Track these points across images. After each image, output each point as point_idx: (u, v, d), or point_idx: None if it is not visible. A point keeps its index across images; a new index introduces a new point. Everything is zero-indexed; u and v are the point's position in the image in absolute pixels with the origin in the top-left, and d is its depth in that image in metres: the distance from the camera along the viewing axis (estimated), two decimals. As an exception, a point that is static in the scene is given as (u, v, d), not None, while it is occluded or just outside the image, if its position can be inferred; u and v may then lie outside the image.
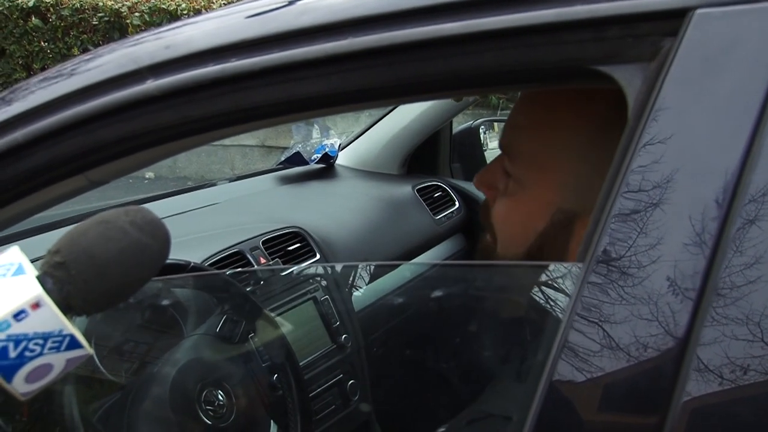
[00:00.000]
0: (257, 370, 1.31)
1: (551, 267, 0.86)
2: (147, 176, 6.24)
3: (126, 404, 1.13)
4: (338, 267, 1.75)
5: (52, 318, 0.65)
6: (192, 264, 1.33)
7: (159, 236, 0.70)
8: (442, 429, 0.99)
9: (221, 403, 1.20)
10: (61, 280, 0.66)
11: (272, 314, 1.43)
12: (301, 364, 1.41)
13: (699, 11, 0.58)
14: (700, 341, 0.56)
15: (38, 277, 0.66)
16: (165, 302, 1.27)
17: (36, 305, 0.64)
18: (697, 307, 0.56)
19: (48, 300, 0.65)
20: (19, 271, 0.66)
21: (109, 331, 1.16)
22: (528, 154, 0.90)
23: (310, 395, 1.42)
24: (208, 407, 1.18)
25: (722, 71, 0.58)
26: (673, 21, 0.59)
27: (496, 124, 2.55)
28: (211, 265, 1.46)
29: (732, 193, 0.56)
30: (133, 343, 1.22)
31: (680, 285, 0.57)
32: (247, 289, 1.40)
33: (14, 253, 0.67)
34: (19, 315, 0.64)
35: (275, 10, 0.72)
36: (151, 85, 0.70)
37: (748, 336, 0.55)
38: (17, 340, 0.64)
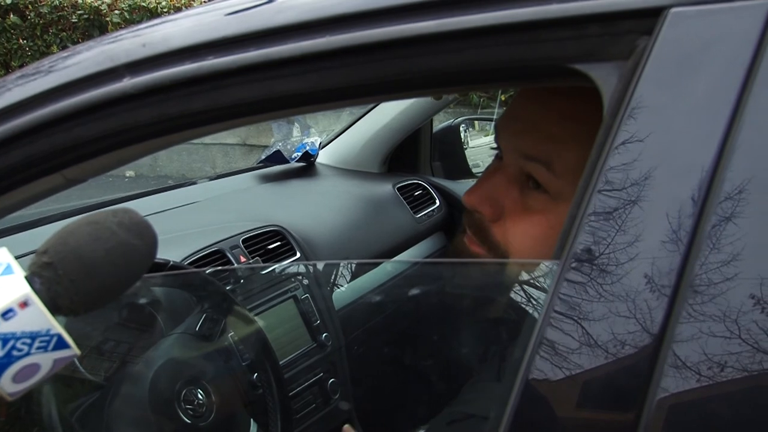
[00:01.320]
0: (237, 368, 1.31)
1: (529, 265, 0.86)
2: (127, 174, 6.21)
3: (105, 403, 1.13)
4: (319, 265, 1.75)
5: (39, 317, 0.65)
6: (171, 262, 1.32)
7: (146, 237, 0.71)
8: (422, 430, 0.99)
9: (201, 401, 1.20)
10: (49, 280, 0.66)
11: (252, 313, 1.43)
12: (281, 362, 1.41)
13: (674, 10, 0.59)
14: (676, 338, 0.56)
15: (26, 277, 0.66)
16: (144, 301, 1.27)
17: (24, 304, 0.65)
18: (672, 303, 0.57)
19: (36, 299, 0.65)
20: (8, 270, 0.66)
21: (88, 330, 1.15)
22: (573, 168, 0.83)
23: (291, 394, 1.42)
24: (187, 406, 1.18)
25: (697, 70, 0.58)
26: (649, 20, 0.59)
27: (476, 122, 2.56)
28: (190, 263, 1.46)
29: (707, 191, 0.57)
30: (112, 342, 1.21)
31: (656, 282, 0.57)
32: (227, 288, 1.39)
33: (2, 253, 0.68)
34: (6, 314, 0.64)
35: (253, 8, 0.71)
36: (128, 83, 0.70)
37: (724, 332, 0.56)
38: (5, 339, 0.65)
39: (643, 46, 0.59)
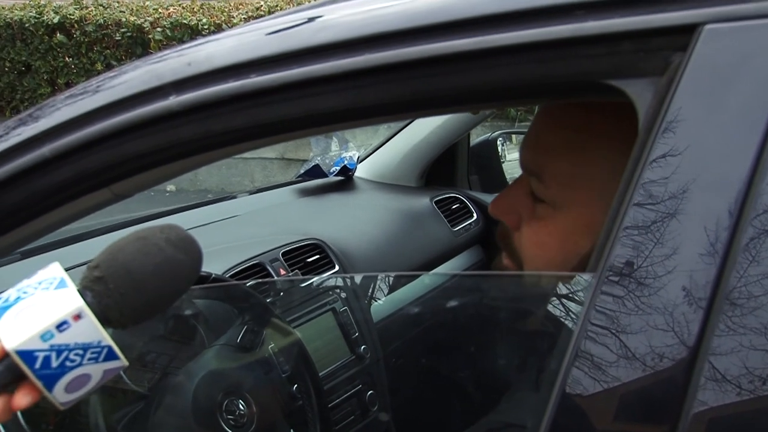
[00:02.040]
0: (277, 380, 1.32)
1: (565, 277, 0.86)
2: (168, 189, 6.27)
3: (149, 413, 1.14)
4: (357, 278, 1.76)
5: (91, 329, 0.67)
6: (213, 275, 1.34)
7: (192, 252, 0.73)
8: None
9: (242, 412, 1.21)
10: (100, 293, 0.68)
11: (292, 325, 1.44)
12: (320, 374, 1.41)
13: (708, 27, 0.59)
14: (712, 350, 0.56)
15: (79, 290, 0.68)
16: (186, 313, 1.28)
17: (77, 317, 0.66)
18: (708, 316, 0.57)
19: (88, 312, 0.67)
20: (62, 284, 0.68)
21: (132, 342, 1.17)
22: (563, 175, 0.87)
23: (330, 405, 1.42)
24: (229, 416, 1.19)
25: (731, 85, 0.58)
26: (683, 36, 0.60)
27: (513, 136, 2.55)
28: (231, 276, 1.47)
29: (742, 204, 0.57)
30: (155, 354, 1.23)
31: (692, 294, 0.57)
32: (268, 300, 1.41)
33: (56, 268, 0.70)
34: (61, 326, 0.66)
35: (294, 28, 0.73)
36: (174, 100, 0.71)
37: (761, 345, 0.56)
38: (59, 350, 0.66)
39: (677, 62, 0.60)
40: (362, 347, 1.55)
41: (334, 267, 1.71)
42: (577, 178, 0.87)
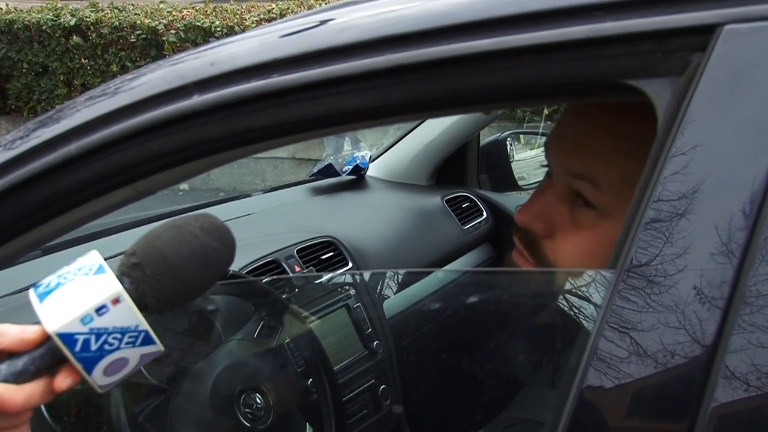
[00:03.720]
0: (293, 374, 1.32)
1: (582, 274, 0.85)
2: (182, 188, 6.28)
3: (168, 406, 1.15)
4: (369, 275, 1.76)
5: (129, 314, 0.68)
6: (230, 272, 1.34)
7: (226, 240, 0.74)
8: None
9: (259, 405, 1.21)
10: (137, 279, 0.69)
11: (307, 320, 1.44)
12: (334, 368, 1.41)
13: (727, 27, 0.59)
14: (729, 349, 0.56)
15: (117, 276, 0.69)
16: (205, 308, 1.29)
17: (116, 301, 0.67)
18: (725, 315, 0.56)
19: (126, 296, 0.68)
20: (100, 270, 0.69)
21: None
22: (618, 182, 0.83)
23: (344, 399, 1.42)
24: (246, 409, 1.20)
25: (749, 85, 0.58)
26: (702, 36, 0.59)
27: (522, 136, 2.55)
28: (248, 273, 1.48)
29: (759, 204, 0.56)
30: (174, 349, 1.24)
31: (708, 293, 0.57)
32: (283, 296, 1.41)
33: (94, 255, 0.71)
34: (100, 310, 0.67)
35: (315, 28, 0.73)
36: (197, 100, 0.71)
37: (777, 343, 0.55)
38: (98, 334, 0.67)
39: (696, 62, 0.59)
40: (375, 342, 1.55)
41: (347, 264, 1.71)
42: (629, 186, 0.83)
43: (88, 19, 6.74)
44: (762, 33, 0.58)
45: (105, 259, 0.70)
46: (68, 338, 0.67)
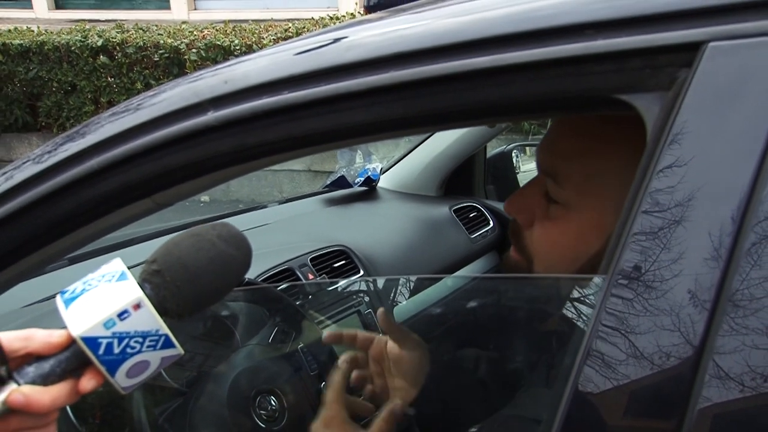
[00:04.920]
0: (306, 377, 1.32)
1: (577, 279, 0.86)
2: (202, 200, 6.29)
3: (187, 408, 1.15)
4: (380, 282, 1.76)
5: (150, 318, 0.68)
6: (247, 279, 1.35)
7: (242, 248, 0.74)
8: (475, 429, 0.99)
9: (273, 407, 1.22)
10: (158, 285, 0.69)
11: (320, 326, 1.45)
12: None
13: (711, 44, 0.59)
14: (717, 349, 0.56)
15: (138, 283, 0.69)
16: (222, 314, 1.30)
17: (137, 306, 0.68)
18: (713, 317, 0.57)
19: (147, 302, 0.68)
20: (122, 277, 0.69)
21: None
22: (577, 179, 0.88)
23: (355, 401, 1.42)
24: (261, 411, 1.20)
25: (733, 99, 0.58)
26: (688, 53, 0.60)
27: (527, 148, 2.55)
28: (263, 280, 1.48)
29: (744, 212, 0.57)
30: (193, 353, 1.24)
31: (697, 297, 0.57)
32: (297, 303, 1.42)
33: (117, 263, 0.71)
34: (122, 314, 0.67)
35: (323, 47, 0.74)
36: (211, 116, 0.72)
37: (762, 344, 0.55)
38: (120, 337, 0.68)
39: (683, 77, 0.60)
40: (386, 347, 1.55)
41: (358, 271, 1.72)
42: (589, 182, 0.87)
43: (114, 40, 6.79)
44: (744, 50, 0.58)
45: (129, 268, 0.71)
46: (92, 342, 0.67)
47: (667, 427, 0.58)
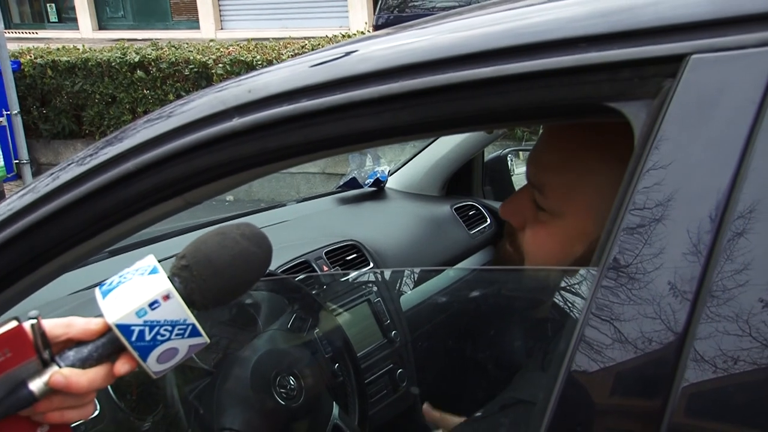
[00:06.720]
0: (321, 359, 1.32)
1: (570, 271, 0.86)
2: (227, 199, 6.30)
3: (214, 386, 1.15)
4: (388, 273, 1.76)
5: (178, 309, 0.68)
6: (268, 271, 1.34)
7: (264, 245, 0.73)
8: (477, 414, 0.98)
9: (292, 386, 1.22)
10: (186, 279, 0.69)
11: (333, 313, 1.45)
12: (358, 355, 1.41)
13: (694, 56, 0.58)
14: (697, 336, 0.56)
15: (168, 276, 0.69)
16: (245, 303, 1.29)
17: (167, 297, 0.68)
18: (694, 307, 0.56)
19: (176, 293, 0.68)
20: (154, 271, 0.69)
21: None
22: (560, 189, 0.88)
23: (366, 381, 1.42)
24: (281, 390, 1.20)
25: (714, 107, 0.57)
26: (673, 65, 0.59)
27: (521, 152, 2.54)
28: (283, 272, 1.48)
29: (723, 211, 0.56)
30: (219, 337, 1.24)
31: (679, 288, 0.57)
32: (313, 292, 1.41)
33: (150, 259, 0.71)
34: (153, 304, 0.67)
35: (338, 59, 0.73)
36: (236, 122, 0.72)
37: (738, 331, 0.55)
38: (152, 325, 0.67)
39: (668, 87, 0.59)
40: (393, 332, 1.55)
41: (368, 264, 1.71)
42: (572, 193, 0.87)
43: (149, 57, 6.82)
44: (725, 61, 0.58)
45: (160, 261, 0.71)
46: (126, 329, 0.67)
47: (654, 405, 0.57)
